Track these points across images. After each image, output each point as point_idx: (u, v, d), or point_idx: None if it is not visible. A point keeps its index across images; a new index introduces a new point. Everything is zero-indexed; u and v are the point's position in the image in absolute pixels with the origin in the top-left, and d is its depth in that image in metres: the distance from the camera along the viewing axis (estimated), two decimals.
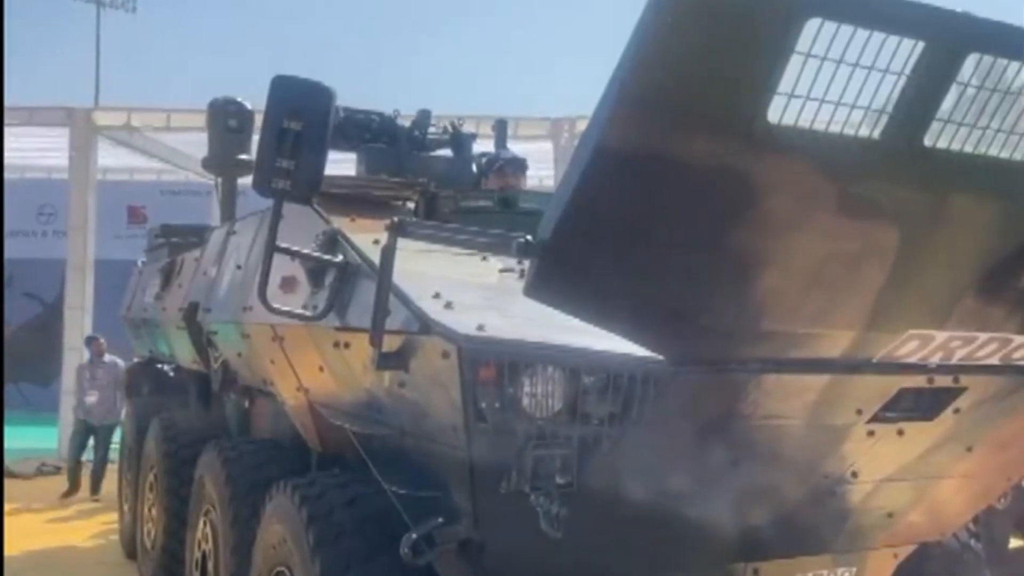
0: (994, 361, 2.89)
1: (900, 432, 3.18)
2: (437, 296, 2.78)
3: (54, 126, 13.43)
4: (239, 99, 6.75)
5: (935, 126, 2.14)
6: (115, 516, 8.33)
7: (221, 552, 4.64)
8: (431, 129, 5.59)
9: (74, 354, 12.62)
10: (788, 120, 2.00)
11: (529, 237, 2.19)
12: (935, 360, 2.82)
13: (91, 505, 9.38)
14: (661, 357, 2.62)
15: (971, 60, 2.08)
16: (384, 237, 2.89)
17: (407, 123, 5.40)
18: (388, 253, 2.86)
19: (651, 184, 2.06)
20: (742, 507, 3.21)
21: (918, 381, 3.02)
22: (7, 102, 9.93)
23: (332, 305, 3.29)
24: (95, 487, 9.98)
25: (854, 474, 3.28)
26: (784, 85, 1.94)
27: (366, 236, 3.37)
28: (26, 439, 12.21)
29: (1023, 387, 3.17)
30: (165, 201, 18.51)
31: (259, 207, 4.37)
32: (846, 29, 1.91)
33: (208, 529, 4.96)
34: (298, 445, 4.47)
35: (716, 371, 2.73)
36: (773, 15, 1.86)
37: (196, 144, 9.35)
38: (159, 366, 8.20)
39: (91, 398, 10.18)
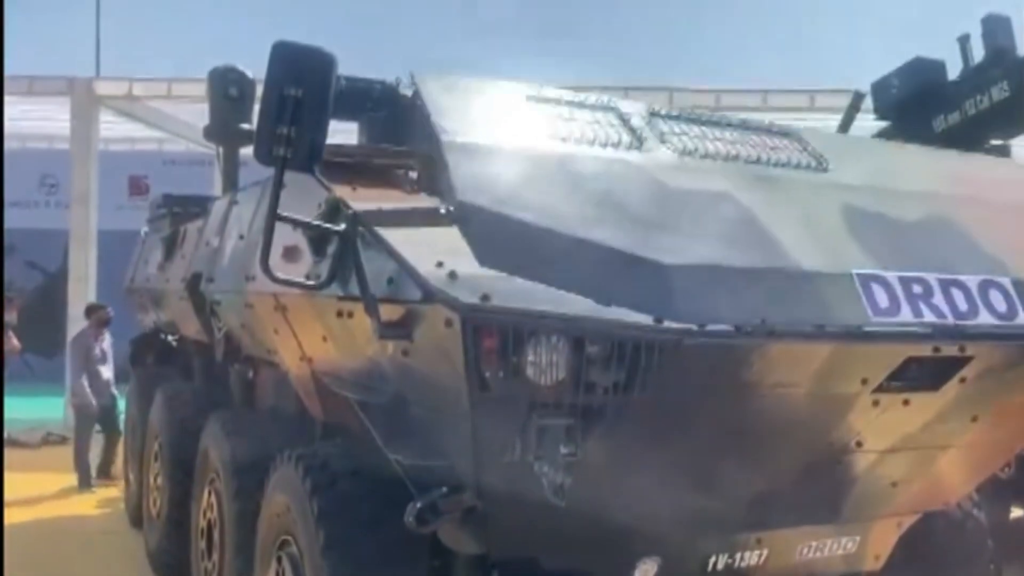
0: (989, 319, 3.03)
1: (906, 402, 3.17)
2: (440, 265, 2.76)
3: (55, 96, 13.36)
4: (240, 67, 6.69)
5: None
6: (116, 486, 8.38)
7: (226, 521, 4.66)
8: None
9: (78, 324, 12.62)
10: None
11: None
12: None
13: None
14: (667, 325, 2.61)
15: None
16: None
17: (409, 92, 5.35)
18: (354, 248, 2.96)
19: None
20: (746, 476, 3.21)
21: (924, 350, 3.00)
22: (7, 71, 9.86)
23: (335, 274, 3.27)
24: (107, 470, 9.32)
25: (859, 444, 3.27)
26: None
27: (369, 205, 3.34)
28: (31, 409, 12.26)
29: None
30: (167, 171, 18.44)
31: (261, 177, 4.34)
32: None
33: (213, 499, 4.98)
34: (302, 415, 4.48)
35: (721, 339, 2.71)
36: None
37: (198, 114, 9.29)
38: (163, 337, 8.20)
39: (105, 374, 9.36)
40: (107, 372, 9.51)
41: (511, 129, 3.16)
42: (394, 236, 2.98)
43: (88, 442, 9.34)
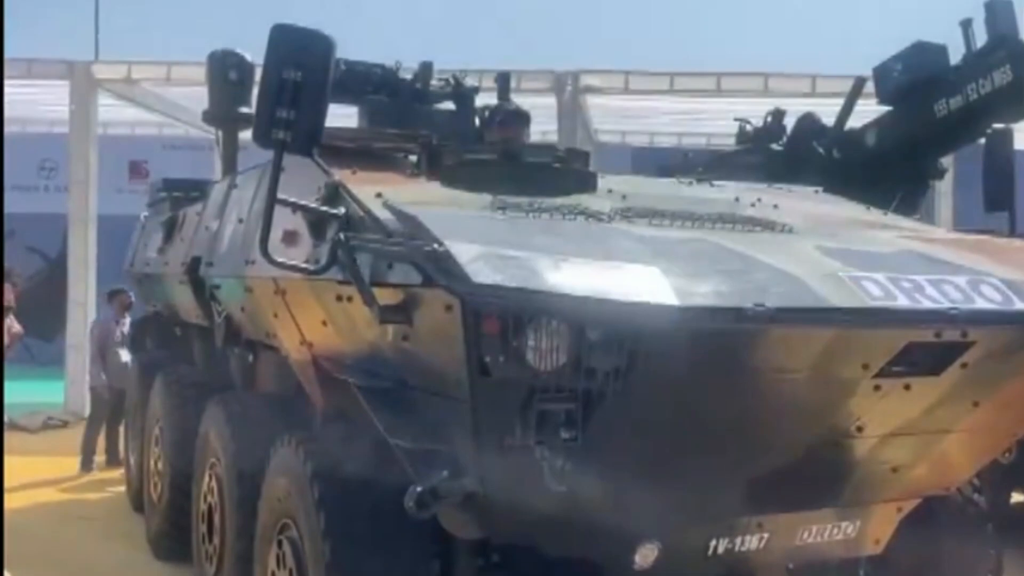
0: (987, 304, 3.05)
1: (907, 387, 3.16)
2: (440, 248, 2.75)
3: (54, 79, 13.30)
4: (239, 51, 6.67)
5: None
6: (121, 470, 8.40)
7: (226, 505, 4.67)
8: (433, 82, 5.53)
9: (78, 308, 12.63)
10: None
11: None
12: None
13: (98, 459, 9.42)
14: (669, 308, 2.61)
15: None
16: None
17: (409, 76, 5.34)
18: (346, 251, 2.95)
19: None
20: (747, 461, 3.21)
21: (926, 335, 3.00)
22: (6, 54, 9.80)
23: (334, 258, 3.26)
24: (116, 453, 9.28)
25: (859, 428, 3.27)
26: None
27: (368, 189, 3.33)
28: (32, 393, 12.27)
29: None
30: (166, 155, 18.40)
31: (260, 160, 4.32)
32: None
33: (213, 483, 4.98)
34: (302, 399, 4.47)
35: (722, 323, 2.71)
36: None
37: (197, 98, 9.25)
38: (163, 321, 8.20)
39: (124, 357, 9.22)
40: (126, 355, 9.39)
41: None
42: (394, 220, 2.97)
43: (99, 426, 9.36)
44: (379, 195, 3.23)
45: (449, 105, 5.56)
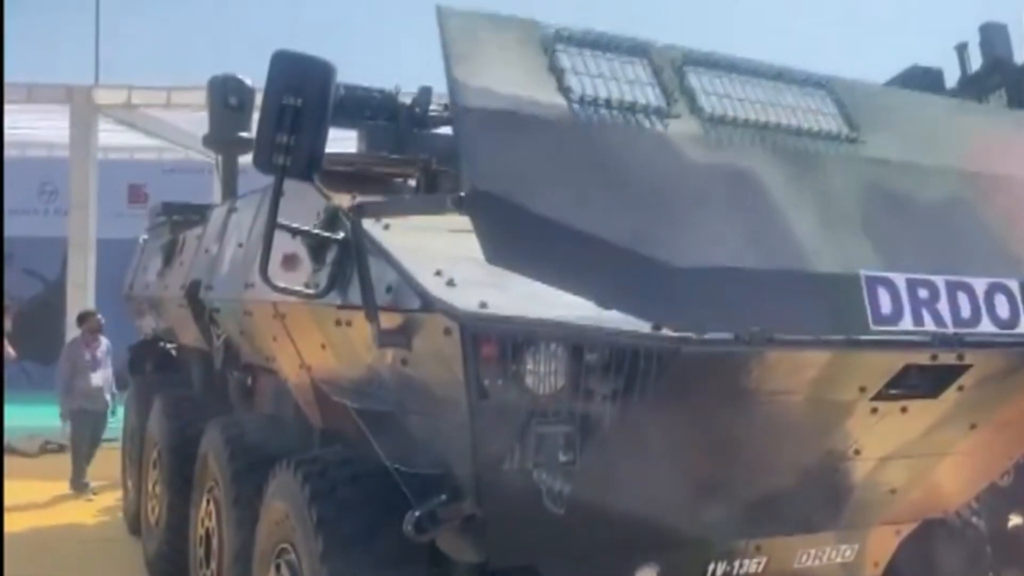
0: (989, 327, 3.02)
1: (904, 409, 3.17)
2: (439, 273, 2.77)
3: (54, 103, 13.37)
4: (239, 76, 6.72)
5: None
6: (119, 493, 8.37)
7: (224, 529, 4.65)
8: (432, 106, 5.55)
9: (76, 332, 12.61)
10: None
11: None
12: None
13: (96, 483, 9.40)
14: (665, 333, 2.61)
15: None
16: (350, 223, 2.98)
17: (408, 100, 5.37)
18: (359, 235, 2.89)
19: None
20: (745, 483, 3.21)
21: (922, 358, 3.01)
22: (6, 79, 9.87)
23: (333, 283, 3.28)
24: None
25: (857, 451, 3.28)
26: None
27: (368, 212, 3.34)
28: (29, 417, 12.23)
29: None
30: (166, 179, 18.47)
31: (260, 185, 4.35)
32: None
33: (211, 506, 4.98)
34: (301, 422, 4.48)
35: (719, 347, 2.72)
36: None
37: (197, 122, 9.31)
38: (161, 344, 8.20)
39: (96, 381, 9.37)
40: (98, 379, 9.49)
41: (532, 89, 2.90)
42: (393, 244, 2.99)
43: (81, 446, 9.42)
44: (378, 219, 3.25)
45: (448, 130, 5.58)
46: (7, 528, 6.64)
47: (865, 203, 3.19)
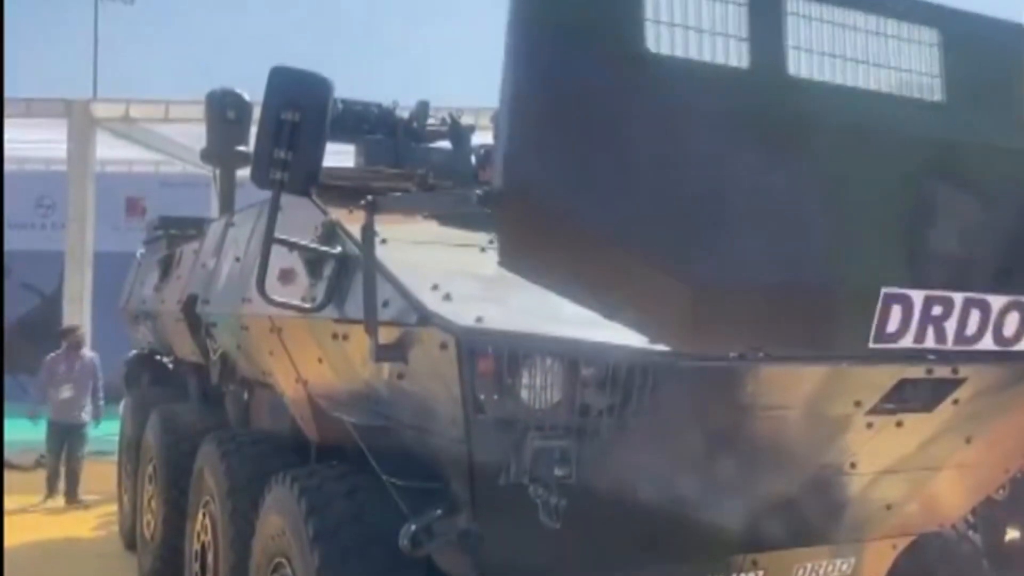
0: (989, 345, 2.86)
1: (899, 424, 3.18)
2: (435, 288, 2.78)
3: (52, 117, 13.39)
4: (237, 90, 6.74)
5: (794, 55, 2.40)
6: (115, 508, 8.34)
7: (220, 543, 4.64)
8: (430, 121, 5.58)
9: None
10: (666, 50, 2.27)
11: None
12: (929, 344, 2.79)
13: (91, 497, 9.36)
14: (661, 348, 2.60)
15: None
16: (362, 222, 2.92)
17: (406, 115, 5.39)
18: (368, 232, 2.87)
19: (574, 117, 2.31)
20: (741, 498, 3.21)
21: (917, 372, 3.01)
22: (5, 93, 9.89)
23: (331, 297, 3.28)
24: (72, 492, 9.43)
25: (853, 465, 3.28)
26: (653, 13, 2.26)
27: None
28: (25, 431, 12.19)
29: (1022, 379, 3.16)
30: (164, 193, 18.45)
31: (258, 199, 4.36)
32: None
33: (207, 520, 4.96)
34: (297, 437, 4.47)
35: (715, 362, 2.72)
36: None
37: (195, 136, 9.33)
38: (158, 358, 8.19)
39: (65, 393, 9.47)
40: (68, 391, 9.56)
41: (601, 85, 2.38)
42: (390, 258, 3.00)
43: (55, 458, 9.62)
44: (375, 234, 3.26)
45: (445, 144, 5.61)
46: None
47: (916, 200, 2.71)
